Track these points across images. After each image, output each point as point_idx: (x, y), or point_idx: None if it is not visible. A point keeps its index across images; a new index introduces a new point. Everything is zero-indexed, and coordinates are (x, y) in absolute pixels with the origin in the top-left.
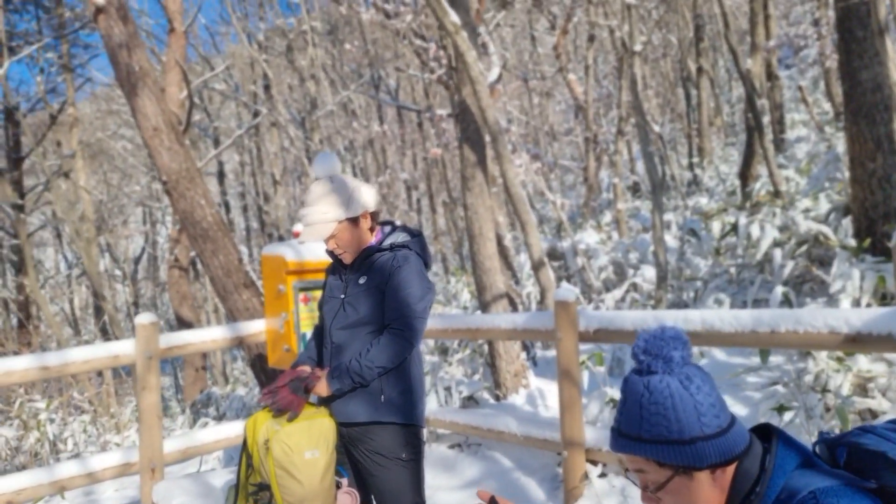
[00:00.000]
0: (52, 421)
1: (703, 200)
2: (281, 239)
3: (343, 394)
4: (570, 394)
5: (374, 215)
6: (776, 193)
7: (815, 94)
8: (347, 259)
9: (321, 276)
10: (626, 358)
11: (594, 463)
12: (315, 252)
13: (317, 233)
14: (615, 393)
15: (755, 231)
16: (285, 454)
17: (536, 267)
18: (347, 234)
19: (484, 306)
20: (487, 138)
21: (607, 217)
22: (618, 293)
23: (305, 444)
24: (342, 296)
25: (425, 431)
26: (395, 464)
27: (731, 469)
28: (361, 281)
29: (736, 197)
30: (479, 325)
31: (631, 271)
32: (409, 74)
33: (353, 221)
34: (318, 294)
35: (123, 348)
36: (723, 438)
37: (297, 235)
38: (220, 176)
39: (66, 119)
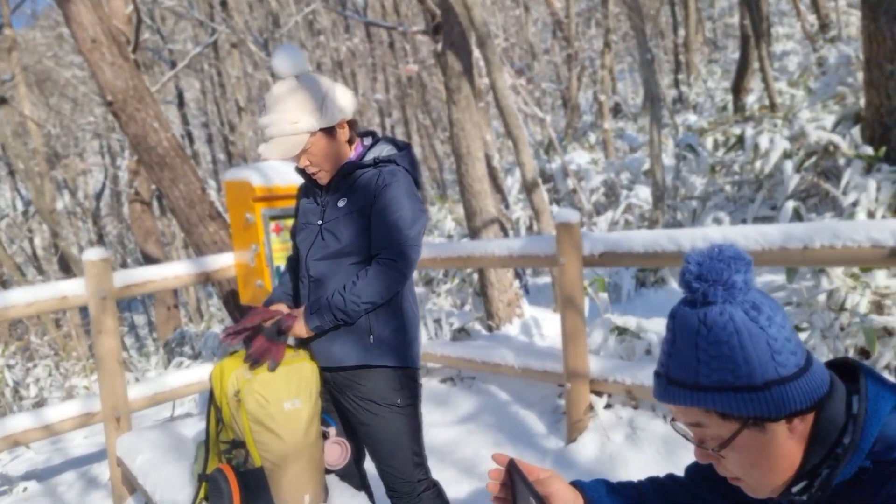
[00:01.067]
0: (10, 367)
1: (692, 117)
2: None
3: (325, 333)
4: (573, 323)
5: (352, 124)
6: (772, 106)
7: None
8: (323, 178)
9: (293, 201)
10: (624, 283)
11: (598, 394)
12: (285, 175)
13: (284, 148)
14: (618, 320)
15: (764, 143)
16: (260, 406)
17: (530, 188)
18: (323, 148)
19: (473, 232)
20: (473, 45)
21: (591, 138)
22: (611, 215)
23: (284, 394)
24: (319, 222)
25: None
26: (389, 411)
27: (810, 417)
28: (341, 203)
29: (727, 112)
30: (470, 253)
31: (624, 192)
32: None
33: (329, 132)
34: (289, 223)
35: (73, 288)
36: (802, 380)
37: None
38: (181, 104)
39: (4, 42)
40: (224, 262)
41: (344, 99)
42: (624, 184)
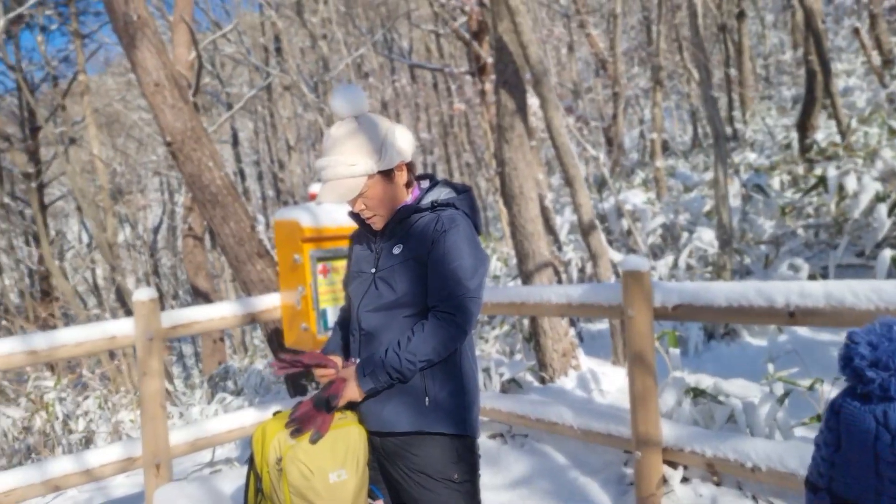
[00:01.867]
0: (62, 400)
1: (751, 155)
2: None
3: (376, 393)
4: (643, 382)
5: (410, 167)
6: (845, 145)
7: (854, 44)
8: (378, 223)
9: (343, 244)
10: (691, 335)
11: (673, 465)
12: (334, 216)
13: (340, 191)
14: (691, 379)
15: (851, 184)
16: (304, 478)
17: (586, 230)
18: (379, 192)
19: (526, 276)
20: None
21: (639, 177)
22: (671, 259)
23: (329, 464)
24: (372, 270)
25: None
26: (444, 486)
27: None
28: (396, 251)
29: (792, 150)
30: (524, 299)
31: (685, 235)
32: (425, 30)
33: (387, 175)
34: (339, 265)
35: (121, 328)
36: None
37: (313, 197)
38: (235, 143)
39: (78, 87)
40: (270, 303)
41: (403, 141)
42: (683, 225)
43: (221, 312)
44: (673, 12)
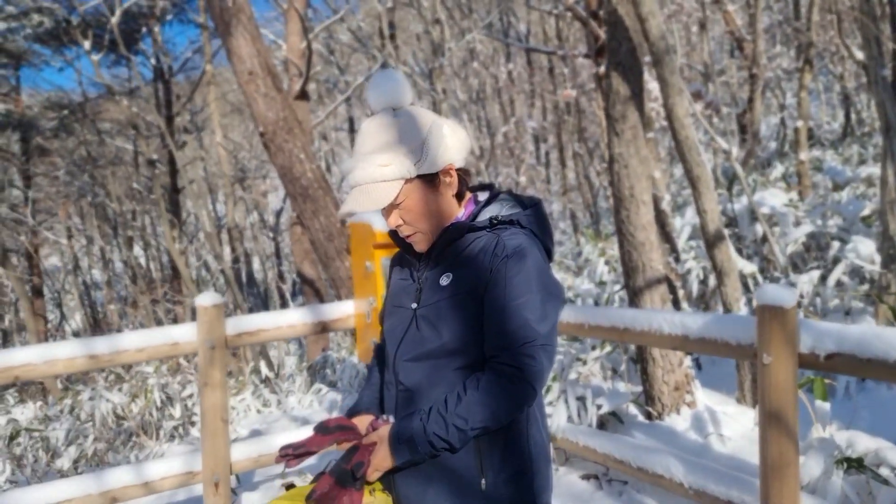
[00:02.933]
0: (164, 386)
1: None
2: None
3: (414, 464)
4: (779, 448)
5: (463, 174)
6: None
7: None
8: (421, 244)
9: None
10: (847, 387)
11: None
12: None
13: (371, 197)
14: (843, 438)
15: None
16: None
17: (712, 241)
18: (420, 202)
19: (634, 293)
20: (645, 63)
21: (777, 170)
22: (815, 275)
23: None
24: (413, 305)
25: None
26: None
27: None
28: (444, 281)
29: None
30: (628, 325)
31: (835, 245)
32: (542, 10)
33: (430, 181)
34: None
35: (183, 334)
36: None
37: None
38: (351, 129)
39: (207, 77)
40: (343, 311)
41: (453, 139)
42: (833, 233)
43: (289, 320)
44: None
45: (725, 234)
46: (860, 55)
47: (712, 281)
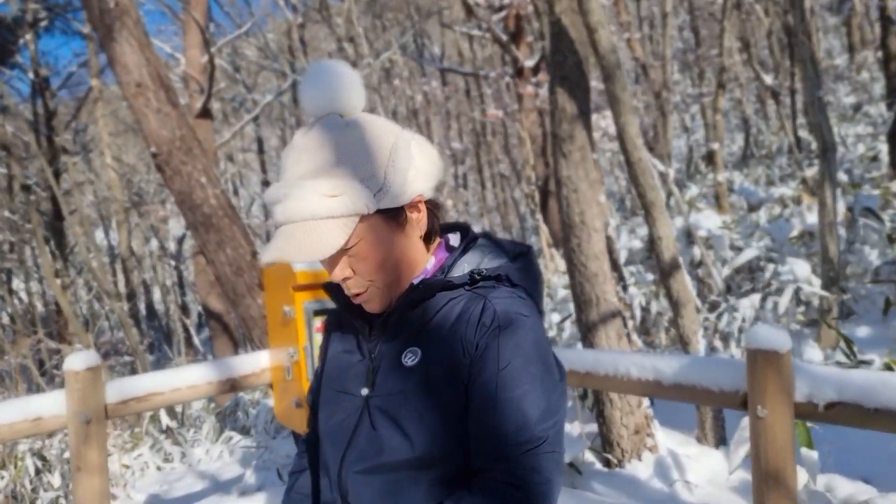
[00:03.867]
0: (37, 451)
1: (839, 175)
2: None
3: None
4: None
5: (432, 209)
6: None
7: None
8: (375, 304)
9: None
10: (848, 441)
11: None
12: None
13: (310, 242)
14: (840, 488)
15: None
16: None
17: (668, 272)
18: (379, 248)
19: (588, 329)
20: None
21: (692, 191)
22: (756, 299)
23: None
24: (364, 391)
25: None
26: None
27: None
28: (410, 360)
29: (879, 164)
30: (589, 368)
31: (770, 267)
32: (457, 31)
33: (392, 218)
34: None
35: (48, 406)
36: None
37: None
38: (260, 150)
39: (94, 93)
40: (255, 364)
41: (423, 160)
42: (767, 255)
43: (190, 379)
44: (737, 7)
45: (681, 263)
46: (769, 79)
47: (654, 307)
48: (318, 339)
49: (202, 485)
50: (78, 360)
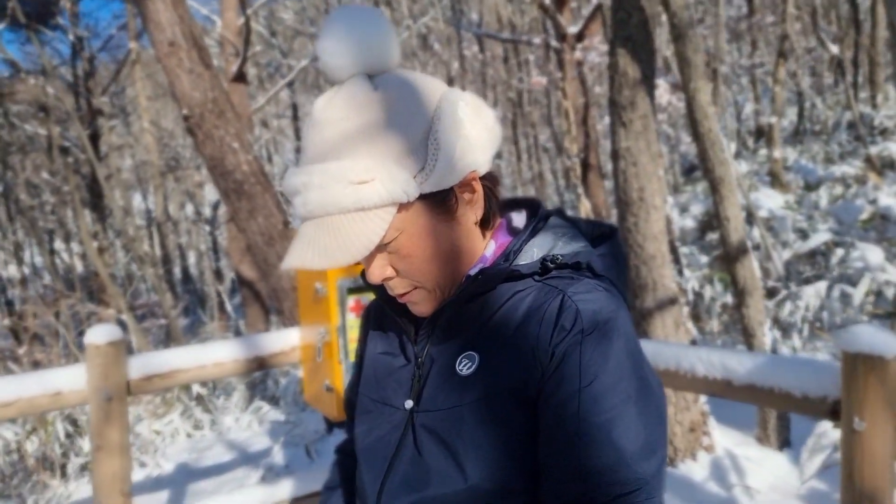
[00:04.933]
0: (68, 415)
1: (894, 147)
2: None
3: None
4: None
5: (490, 186)
6: None
7: None
8: (425, 306)
9: None
10: None
11: None
12: None
13: (340, 242)
14: None
15: None
16: None
17: (735, 255)
18: (425, 241)
19: (642, 316)
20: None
21: (742, 168)
22: (822, 287)
23: None
24: (408, 404)
25: None
26: None
27: None
28: (466, 368)
29: None
30: (652, 361)
31: (839, 252)
32: None
33: (440, 203)
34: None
35: (69, 380)
36: None
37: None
38: (295, 117)
39: (133, 56)
40: (285, 342)
41: (477, 125)
42: (831, 239)
43: (216, 356)
44: None
45: (749, 247)
46: (834, 49)
47: (707, 292)
48: (352, 319)
49: (230, 455)
50: (99, 333)
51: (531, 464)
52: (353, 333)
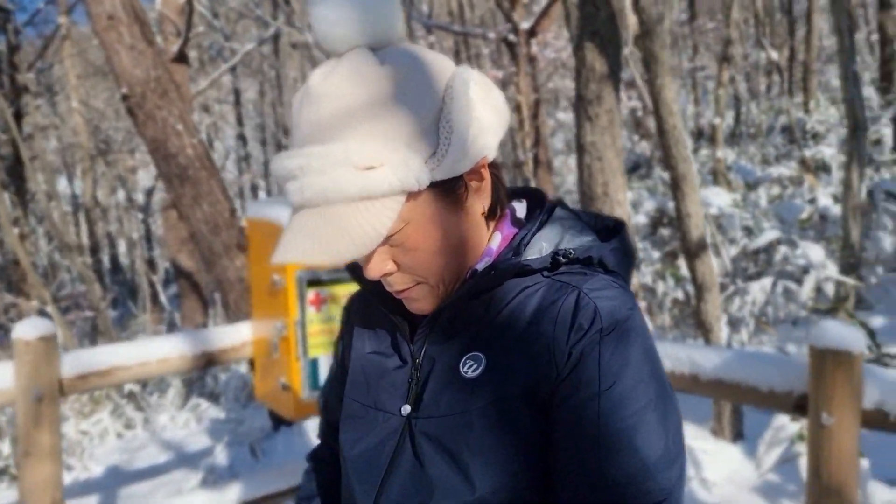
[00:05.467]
0: None
1: (827, 151)
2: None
3: None
4: None
5: (496, 174)
6: None
7: None
8: (426, 302)
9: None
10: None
11: None
12: None
13: (339, 239)
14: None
15: None
16: None
17: (695, 251)
18: (433, 233)
19: None
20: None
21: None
22: (767, 283)
23: None
24: (405, 409)
25: None
26: None
27: None
28: (471, 370)
29: (882, 148)
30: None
31: (782, 249)
32: None
33: (449, 192)
34: (342, 292)
35: None
36: None
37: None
38: (237, 102)
39: (62, 31)
40: (235, 337)
41: (487, 106)
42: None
43: (161, 352)
44: None
45: (708, 244)
46: (774, 55)
47: (660, 288)
48: (312, 313)
49: (166, 456)
50: (29, 327)
51: (543, 473)
52: (313, 328)
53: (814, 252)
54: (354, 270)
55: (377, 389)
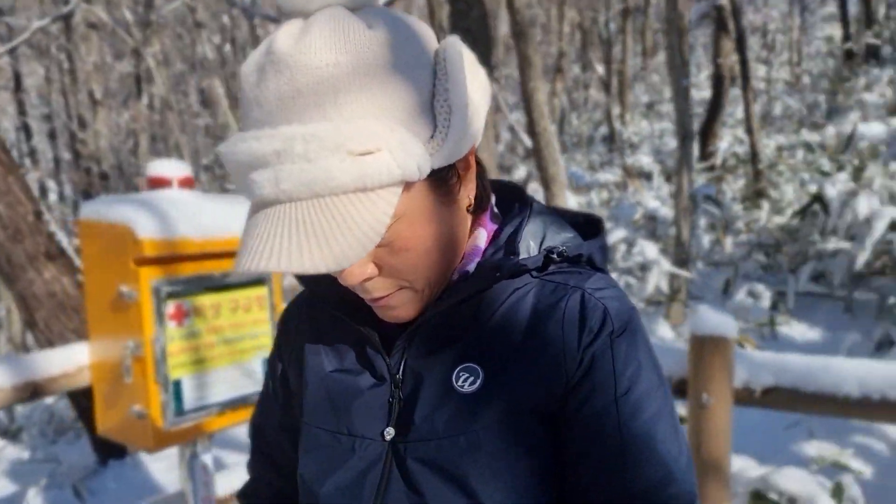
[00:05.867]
0: None
1: (644, 159)
2: (105, 178)
3: None
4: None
5: (479, 160)
6: (753, 158)
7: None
8: (407, 309)
9: (212, 266)
10: (772, 427)
11: None
12: (198, 219)
13: (333, 240)
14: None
15: (862, 208)
16: None
17: None
18: (424, 231)
19: None
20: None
21: (521, 173)
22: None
23: None
24: (388, 433)
25: None
26: None
27: None
28: (467, 384)
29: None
30: None
31: (622, 248)
32: None
33: (441, 181)
34: (206, 303)
35: None
36: None
37: (154, 184)
38: (17, 88)
39: None
40: (67, 361)
41: (476, 83)
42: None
43: None
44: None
45: None
46: (600, 69)
47: None
48: (172, 328)
49: None
50: None
51: (558, 490)
52: (175, 346)
53: (649, 249)
54: (302, 276)
55: (348, 413)
